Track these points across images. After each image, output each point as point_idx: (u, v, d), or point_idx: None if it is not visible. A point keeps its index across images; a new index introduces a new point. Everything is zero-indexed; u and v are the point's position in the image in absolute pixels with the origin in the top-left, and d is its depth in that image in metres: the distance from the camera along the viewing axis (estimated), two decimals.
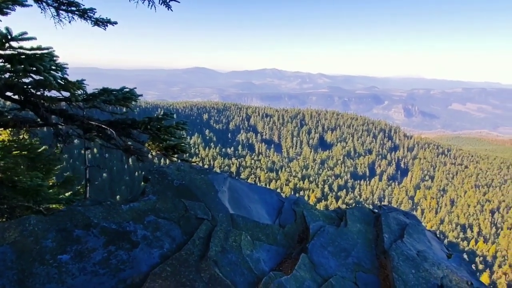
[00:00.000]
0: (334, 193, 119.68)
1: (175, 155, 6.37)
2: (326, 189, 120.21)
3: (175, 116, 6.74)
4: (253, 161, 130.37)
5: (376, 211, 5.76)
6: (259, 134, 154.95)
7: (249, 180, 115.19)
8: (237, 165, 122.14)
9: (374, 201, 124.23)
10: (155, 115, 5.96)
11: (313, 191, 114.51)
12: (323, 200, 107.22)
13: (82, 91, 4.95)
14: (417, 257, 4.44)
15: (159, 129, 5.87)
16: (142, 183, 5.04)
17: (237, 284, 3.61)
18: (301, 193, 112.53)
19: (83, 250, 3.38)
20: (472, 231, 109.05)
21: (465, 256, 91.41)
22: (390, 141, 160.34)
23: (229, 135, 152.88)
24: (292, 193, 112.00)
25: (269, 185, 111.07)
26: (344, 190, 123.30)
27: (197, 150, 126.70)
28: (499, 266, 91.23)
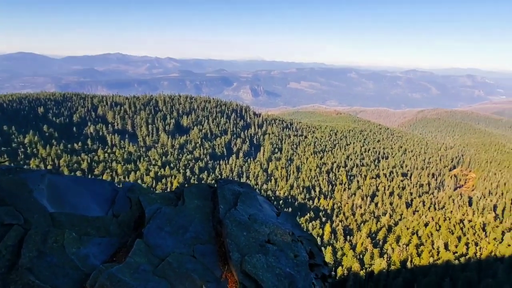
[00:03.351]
0: (196, 176, 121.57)
1: None
2: (188, 173, 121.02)
3: None
4: (106, 154, 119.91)
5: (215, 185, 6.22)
6: (110, 125, 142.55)
7: (105, 176, 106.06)
8: (89, 161, 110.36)
9: (234, 178, 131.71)
10: None
11: (175, 177, 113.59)
12: (186, 185, 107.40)
13: None
14: (248, 221, 4.97)
15: None
16: None
17: (59, 287, 3.29)
18: (163, 180, 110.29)
19: None
20: (315, 191, 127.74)
21: (309, 213, 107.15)
22: (242, 120, 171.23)
23: (74, 129, 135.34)
24: (154, 182, 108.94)
25: (128, 178, 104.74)
26: (206, 172, 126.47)
27: (34, 149, 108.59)
28: (336, 216, 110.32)
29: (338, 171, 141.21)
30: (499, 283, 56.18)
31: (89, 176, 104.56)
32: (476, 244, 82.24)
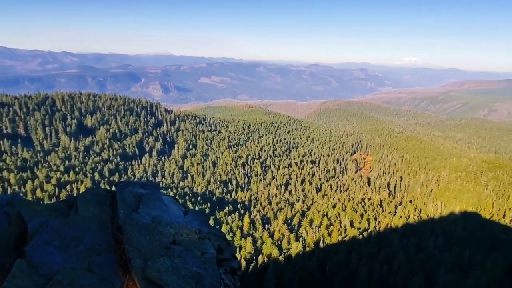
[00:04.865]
0: (106, 179, 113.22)
1: None
2: (97, 176, 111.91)
3: None
4: None
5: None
6: None
7: None
8: None
9: (148, 178, 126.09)
10: None
11: (82, 182, 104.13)
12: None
13: None
14: (151, 223, 4.70)
15: None
16: None
17: None
18: (68, 187, 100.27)
19: None
20: (232, 184, 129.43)
21: (227, 207, 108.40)
22: (153, 117, 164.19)
23: None
24: (57, 190, 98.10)
25: (23, 187, 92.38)
26: (117, 173, 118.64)
27: None
28: (254, 207, 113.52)
29: (253, 163, 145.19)
30: (394, 251, 64.25)
31: (9, 189, 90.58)
32: (376, 219, 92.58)
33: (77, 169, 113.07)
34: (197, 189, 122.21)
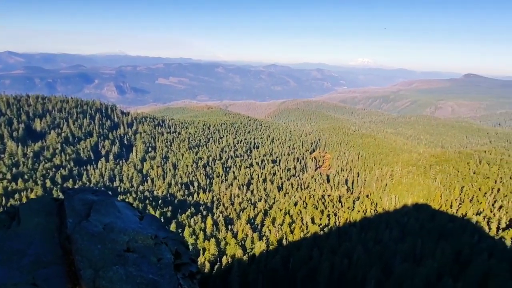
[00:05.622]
0: (59, 186, 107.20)
1: None
2: (49, 183, 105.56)
3: None
4: None
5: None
6: None
7: None
8: None
9: (105, 183, 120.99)
10: None
11: (31, 190, 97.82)
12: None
13: None
14: (103, 231, 4.45)
15: None
16: None
17: None
18: (16, 196, 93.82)
19: None
20: (193, 186, 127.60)
21: (191, 209, 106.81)
22: (109, 120, 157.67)
23: None
24: (4, 199, 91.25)
25: None
26: (71, 179, 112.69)
27: None
28: (216, 208, 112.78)
29: (214, 164, 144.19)
30: (354, 245, 66.68)
31: None
32: (335, 215, 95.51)
33: (26, 177, 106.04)
34: (158, 193, 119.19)
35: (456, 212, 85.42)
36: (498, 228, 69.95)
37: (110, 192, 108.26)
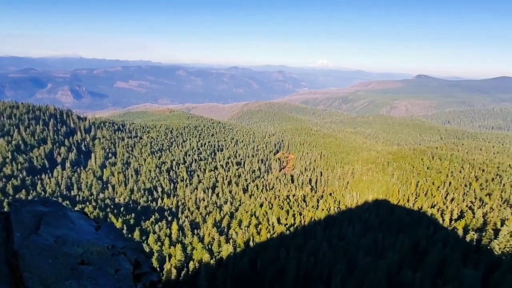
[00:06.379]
0: (10, 197, 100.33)
1: None
2: None
3: None
4: None
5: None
6: None
7: None
8: None
9: (62, 192, 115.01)
10: None
11: None
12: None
13: None
14: (54, 244, 4.17)
15: None
16: None
17: None
18: None
19: None
20: (157, 192, 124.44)
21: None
22: (64, 126, 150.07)
23: None
24: None
25: None
26: (23, 190, 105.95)
27: None
28: (182, 212, 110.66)
29: (178, 168, 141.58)
30: (319, 242, 68.15)
31: None
32: (300, 214, 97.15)
33: None
34: (120, 200, 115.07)
35: (413, 206, 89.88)
36: (451, 219, 74.30)
37: (67, 202, 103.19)
